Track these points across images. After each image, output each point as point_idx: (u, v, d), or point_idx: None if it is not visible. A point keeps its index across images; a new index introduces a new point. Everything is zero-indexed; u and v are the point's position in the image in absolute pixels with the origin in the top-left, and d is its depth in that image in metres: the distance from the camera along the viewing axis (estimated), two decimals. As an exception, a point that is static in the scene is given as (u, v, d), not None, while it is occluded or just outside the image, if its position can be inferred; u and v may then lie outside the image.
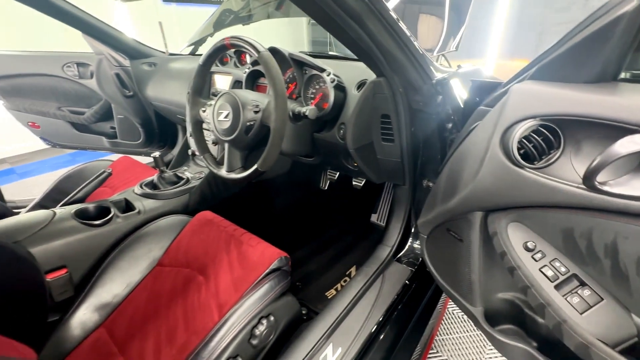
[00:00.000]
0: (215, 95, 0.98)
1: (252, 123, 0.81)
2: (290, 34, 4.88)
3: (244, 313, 0.75)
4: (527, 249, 0.60)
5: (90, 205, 1.00)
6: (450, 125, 0.97)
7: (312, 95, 1.03)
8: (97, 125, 1.93)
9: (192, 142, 1.41)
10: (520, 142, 0.55)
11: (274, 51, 1.03)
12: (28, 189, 2.61)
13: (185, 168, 1.40)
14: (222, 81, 1.29)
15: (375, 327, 0.90)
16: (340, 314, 0.89)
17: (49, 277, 0.83)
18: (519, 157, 0.55)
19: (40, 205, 1.34)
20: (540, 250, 0.59)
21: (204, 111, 0.92)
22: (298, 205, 1.85)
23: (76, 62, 1.72)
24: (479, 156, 0.62)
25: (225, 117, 0.83)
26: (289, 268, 0.89)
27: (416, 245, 1.21)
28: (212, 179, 1.27)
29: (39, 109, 1.86)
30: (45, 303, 0.79)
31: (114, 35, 1.60)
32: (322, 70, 0.96)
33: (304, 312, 0.94)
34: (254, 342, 0.75)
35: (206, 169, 1.31)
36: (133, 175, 1.41)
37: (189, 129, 1.38)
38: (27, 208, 1.34)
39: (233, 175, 0.87)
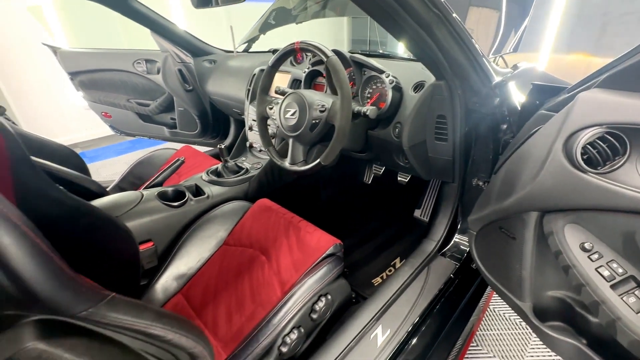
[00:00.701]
0: (278, 93, 1.07)
1: (317, 121, 0.89)
2: (331, 32, 4.91)
3: (307, 290, 0.84)
4: (584, 250, 0.63)
5: (169, 189, 1.14)
6: (505, 126, 0.98)
7: (369, 95, 1.09)
8: (160, 116, 2.13)
9: (250, 135, 1.53)
10: (584, 147, 0.58)
11: (336, 53, 1.10)
12: (98, 172, 2.93)
13: (244, 158, 1.52)
14: (280, 79, 1.38)
15: (421, 315, 0.96)
16: (388, 300, 0.96)
17: (141, 248, 0.98)
18: (582, 162, 0.57)
19: (119, 187, 1.53)
20: (597, 252, 0.62)
21: (271, 108, 1.01)
22: (343, 197, 1.93)
23: (145, 59, 1.90)
24: (539, 159, 0.65)
25: (292, 114, 0.92)
26: (342, 254, 0.98)
27: (458, 239, 1.23)
28: (268, 169, 1.38)
29: (111, 101, 2.09)
30: (139, 270, 0.94)
31: (180, 34, 1.76)
32: (382, 71, 1.01)
33: (352, 295, 1.02)
34: (314, 316, 0.84)
35: (264, 160, 1.42)
36: (195, 163, 1.57)
37: (248, 123, 1.51)
38: (109, 188, 1.53)
39: (296, 168, 0.97)
